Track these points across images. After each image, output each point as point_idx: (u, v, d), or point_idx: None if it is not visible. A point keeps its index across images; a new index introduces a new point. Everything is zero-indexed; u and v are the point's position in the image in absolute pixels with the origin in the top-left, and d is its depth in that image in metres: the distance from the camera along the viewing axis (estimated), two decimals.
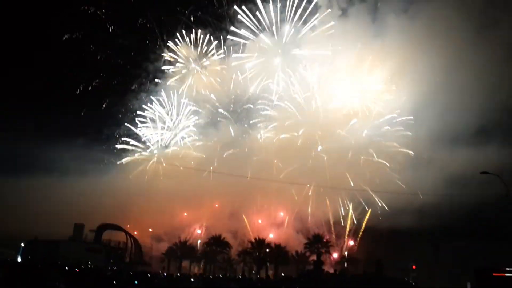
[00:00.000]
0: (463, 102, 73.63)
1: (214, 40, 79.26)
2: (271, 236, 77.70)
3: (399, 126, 75.88)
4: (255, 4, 73.35)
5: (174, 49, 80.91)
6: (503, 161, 65.61)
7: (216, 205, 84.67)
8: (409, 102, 75.96)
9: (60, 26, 76.28)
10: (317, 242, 71.59)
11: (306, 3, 73.20)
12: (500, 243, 62.41)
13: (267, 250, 69.98)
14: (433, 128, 75.35)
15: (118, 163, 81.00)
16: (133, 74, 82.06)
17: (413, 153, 75.06)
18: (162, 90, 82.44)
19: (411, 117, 75.00)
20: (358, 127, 77.01)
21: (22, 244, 57.65)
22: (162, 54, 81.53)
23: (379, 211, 75.66)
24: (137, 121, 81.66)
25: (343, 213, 77.39)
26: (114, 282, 35.97)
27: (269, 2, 73.10)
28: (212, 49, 79.62)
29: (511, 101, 71.80)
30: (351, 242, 79.87)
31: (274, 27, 74.24)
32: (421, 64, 74.52)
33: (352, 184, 75.72)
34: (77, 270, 41.35)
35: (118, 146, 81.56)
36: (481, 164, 56.93)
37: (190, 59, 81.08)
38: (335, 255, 76.75)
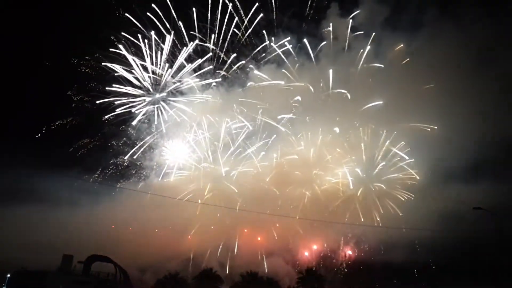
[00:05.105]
0: (457, 138, 74.90)
1: None
2: None
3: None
4: None
5: None
6: (496, 197, 66.25)
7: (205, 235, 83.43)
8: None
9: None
10: (310, 276, 70.52)
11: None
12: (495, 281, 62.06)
13: (260, 284, 68.80)
14: (427, 165, 76.26)
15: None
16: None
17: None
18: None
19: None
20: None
21: (8, 275, 56.03)
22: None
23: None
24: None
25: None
26: None
27: None
28: None
29: (505, 137, 73.28)
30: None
31: None
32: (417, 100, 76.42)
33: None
34: None
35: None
36: (474, 200, 57.47)
37: None
38: None
